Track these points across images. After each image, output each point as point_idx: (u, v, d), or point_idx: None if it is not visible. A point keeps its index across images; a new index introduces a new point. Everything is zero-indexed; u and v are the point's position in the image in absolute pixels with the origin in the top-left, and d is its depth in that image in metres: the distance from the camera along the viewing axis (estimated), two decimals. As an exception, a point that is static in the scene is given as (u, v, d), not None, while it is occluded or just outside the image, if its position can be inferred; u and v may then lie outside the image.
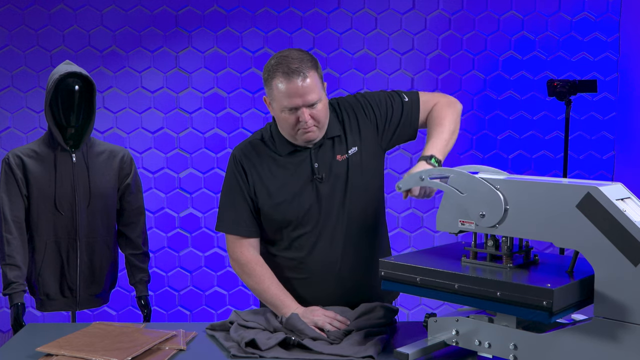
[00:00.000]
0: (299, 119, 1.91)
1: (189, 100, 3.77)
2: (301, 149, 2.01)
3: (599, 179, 3.88)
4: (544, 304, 1.43)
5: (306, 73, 1.88)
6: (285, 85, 1.87)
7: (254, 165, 2.04)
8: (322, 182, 2.01)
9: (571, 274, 1.56)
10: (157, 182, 3.77)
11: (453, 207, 1.68)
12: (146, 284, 2.70)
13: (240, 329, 1.87)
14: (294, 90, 1.87)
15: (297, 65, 1.87)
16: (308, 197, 2.01)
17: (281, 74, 1.88)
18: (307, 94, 1.88)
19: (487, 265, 1.65)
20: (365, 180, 2.05)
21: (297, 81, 1.87)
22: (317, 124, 1.94)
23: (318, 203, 2.01)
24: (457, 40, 3.83)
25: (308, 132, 1.94)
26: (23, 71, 3.68)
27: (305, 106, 1.89)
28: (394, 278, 1.70)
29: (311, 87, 1.88)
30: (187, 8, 3.73)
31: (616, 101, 3.88)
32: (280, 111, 1.92)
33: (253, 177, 2.03)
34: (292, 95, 1.88)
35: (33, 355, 1.75)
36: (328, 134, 2.02)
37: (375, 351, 1.73)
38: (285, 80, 1.87)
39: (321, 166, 2.01)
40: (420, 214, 3.88)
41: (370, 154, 2.06)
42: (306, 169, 2.01)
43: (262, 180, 2.03)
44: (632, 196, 1.52)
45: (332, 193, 2.02)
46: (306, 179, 2.01)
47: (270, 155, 2.03)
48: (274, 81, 1.90)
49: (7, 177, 2.51)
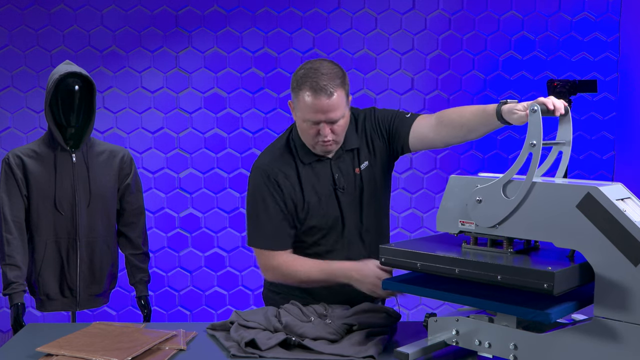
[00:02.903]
0: (319, 132, 1.96)
1: (189, 100, 3.77)
2: (322, 158, 2.07)
3: (599, 179, 3.88)
4: (545, 287, 1.42)
5: (333, 91, 1.91)
6: (311, 100, 1.92)
7: (286, 175, 2.06)
8: (343, 193, 2.08)
9: (572, 258, 1.56)
10: (157, 182, 3.77)
11: (453, 207, 1.68)
12: (146, 284, 2.70)
13: (240, 329, 1.87)
14: (319, 107, 1.92)
15: (325, 82, 1.90)
16: (332, 206, 2.08)
17: (309, 88, 1.92)
18: (330, 112, 1.93)
19: (488, 250, 1.65)
20: (377, 195, 2.13)
21: (323, 99, 1.91)
22: (336, 138, 2.00)
23: (341, 213, 2.08)
24: (457, 40, 3.83)
25: (326, 146, 2.00)
26: (23, 71, 3.68)
27: (327, 122, 1.94)
28: (395, 264, 1.71)
29: (336, 105, 1.93)
30: (187, 8, 3.73)
31: (616, 101, 3.88)
32: (302, 121, 1.98)
33: (287, 187, 2.06)
34: (317, 112, 1.93)
35: (33, 355, 1.75)
36: (346, 145, 2.08)
37: (376, 351, 1.72)
38: (311, 96, 1.91)
39: (341, 177, 2.08)
40: (420, 214, 3.88)
41: (380, 169, 2.13)
42: (328, 178, 2.07)
43: (295, 186, 2.06)
44: (632, 196, 1.52)
45: (352, 204, 2.09)
46: (329, 188, 2.07)
47: (296, 162, 2.08)
48: (301, 93, 1.94)
49: (7, 177, 2.51)
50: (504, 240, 1.63)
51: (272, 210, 2.05)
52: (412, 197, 3.86)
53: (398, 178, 3.83)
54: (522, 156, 1.57)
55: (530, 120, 1.57)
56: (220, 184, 3.80)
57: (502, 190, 1.58)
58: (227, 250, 3.81)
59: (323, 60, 1.99)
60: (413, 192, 3.86)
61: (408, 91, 3.84)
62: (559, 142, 1.71)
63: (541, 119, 1.56)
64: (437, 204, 3.85)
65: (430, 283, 1.71)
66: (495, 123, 1.78)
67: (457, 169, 3.89)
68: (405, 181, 3.86)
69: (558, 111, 1.64)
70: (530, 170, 1.54)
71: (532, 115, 1.57)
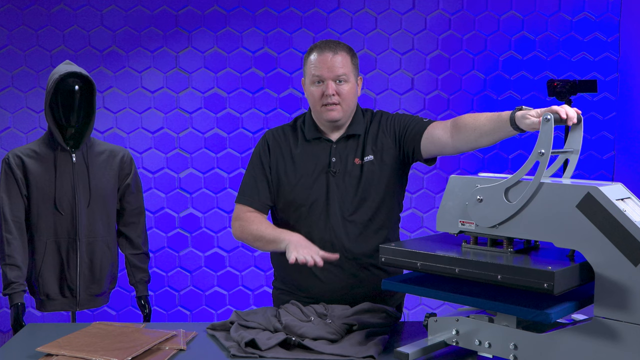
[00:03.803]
0: (324, 93, 2.04)
1: (189, 100, 3.77)
2: (324, 140, 2.13)
3: (599, 179, 3.88)
4: (545, 286, 1.42)
5: (338, 51, 2.07)
6: (316, 57, 2.07)
7: (279, 146, 2.18)
8: (334, 176, 2.11)
9: (572, 258, 1.56)
10: (157, 182, 3.77)
11: (453, 207, 1.68)
12: (146, 284, 2.70)
13: (240, 329, 1.87)
14: (323, 61, 2.05)
15: (333, 45, 2.08)
16: (319, 186, 2.12)
17: (316, 47, 2.09)
18: (335, 67, 2.05)
19: (488, 250, 1.65)
20: (379, 191, 2.13)
21: (328, 54, 2.06)
22: (341, 103, 2.06)
23: (327, 195, 2.11)
24: (457, 40, 3.83)
25: (331, 110, 2.07)
26: (23, 71, 3.68)
27: (331, 79, 2.03)
28: (395, 263, 1.71)
29: (340, 63, 2.06)
30: (187, 8, 3.73)
31: (616, 101, 3.88)
32: (310, 84, 2.09)
33: (276, 156, 2.16)
34: (321, 67, 2.05)
35: (33, 355, 1.75)
36: (350, 130, 2.14)
37: (376, 351, 1.73)
38: (317, 53, 2.08)
39: (338, 162, 2.12)
40: (420, 214, 3.88)
41: (385, 167, 2.13)
42: (324, 160, 2.13)
43: (284, 160, 2.15)
44: (632, 196, 1.52)
45: (342, 191, 2.11)
46: (321, 170, 2.12)
47: (296, 142, 2.16)
48: (309, 56, 2.10)
49: (7, 177, 2.51)
50: (504, 240, 1.63)
51: (256, 169, 2.18)
52: (412, 197, 3.86)
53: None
54: (528, 163, 1.56)
55: (542, 128, 1.56)
56: (220, 184, 3.80)
57: (504, 193, 1.58)
58: (227, 250, 3.81)
59: None
60: (413, 192, 3.86)
61: (408, 91, 3.84)
62: (567, 151, 1.70)
63: (553, 129, 1.55)
64: (437, 204, 3.85)
65: (430, 283, 1.71)
66: (508, 129, 1.77)
67: (457, 169, 3.89)
68: (405, 181, 3.86)
69: (570, 120, 1.63)
70: (535, 179, 1.53)
71: (544, 124, 1.55)
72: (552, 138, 1.54)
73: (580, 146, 1.69)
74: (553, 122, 1.55)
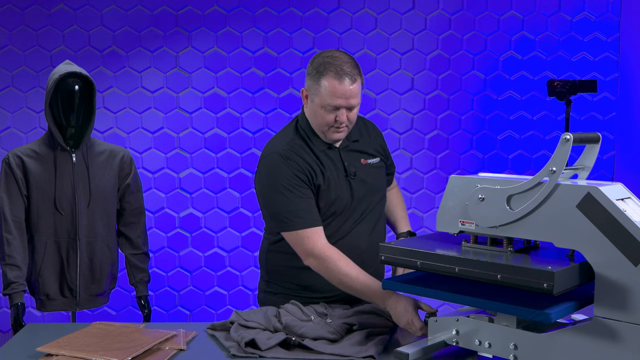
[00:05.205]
0: (336, 119, 2.04)
1: (189, 100, 3.77)
2: (331, 146, 2.15)
3: (599, 179, 3.88)
4: (545, 286, 1.42)
5: (356, 78, 2.02)
6: (335, 86, 2.00)
7: (304, 158, 2.09)
8: (354, 179, 2.14)
9: (571, 257, 1.56)
10: (157, 182, 3.77)
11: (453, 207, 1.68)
12: (146, 284, 2.70)
13: (240, 329, 1.87)
14: (342, 91, 2.00)
15: (349, 69, 2.01)
16: (345, 191, 2.13)
17: (333, 74, 2.00)
18: (351, 98, 2.02)
19: (488, 249, 1.65)
20: (383, 189, 2.25)
21: (347, 84, 2.00)
22: (348, 125, 2.09)
23: (352, 199, 2.14)
24: (457, 40, 3.83)
25: (339, 132, 2.08)
26: (23, 71, 3.68)
27: (346, 108, 2.03)
28: (395, 262, 1.71)
29: (356, 92, 2.03)
30: (187, 8, 3.73)
31: (616, 101, 3.88)
32: (320, 107, 2.04)
33: (306, 168, 2.08)
34: (339, 96, 2.01)
35: (33, 355, 1.75)
36: (350, 135, 2.17)
37: (376, 351, 1.73)
38: (336, 81, 2.00)
39: (350, 165, 2.15)
40: (420, 214, 3.88)
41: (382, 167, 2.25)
42: (339, 165, 2.14)
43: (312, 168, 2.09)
44: (632, 196, 1.52)
45: (361, 191, 2.15)
46: (341, 174, 2.14)
47: (311, 149, 2.13)
48: (323, 79, 2.01)
49: (7, 177, 2.51)
50: (504, 239, 1.63)
51: (299, 190, 2.04)
52: (412, 197, 3.86)
53: (398, 178, 3.83)
54: (538, 177, 1.54)
55: (559, 148, 1.53)
56: (220, 184, 3.80)
57: (506, 200, 1.58)
58: (227, 250, 3.81)
59: (339, 51, 2.08)
60: (413, 192, 3.86)
61: (408, 91, 3.84)
62: (578, 168, 1.70)
63: (570, 150, 1.52)
64: (437, 204, 3.85)
65: (430, 283, 1.71)
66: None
67: (457, 169, 3.89)
68: (405, 181, 3.86)
69: None
70: (540, 194, 1.52)
71: (563, 144, 1.53)
72: (567, 158, 1.53)
73: (592, 164, 1.68)
74: (572, 143, 1.53)
